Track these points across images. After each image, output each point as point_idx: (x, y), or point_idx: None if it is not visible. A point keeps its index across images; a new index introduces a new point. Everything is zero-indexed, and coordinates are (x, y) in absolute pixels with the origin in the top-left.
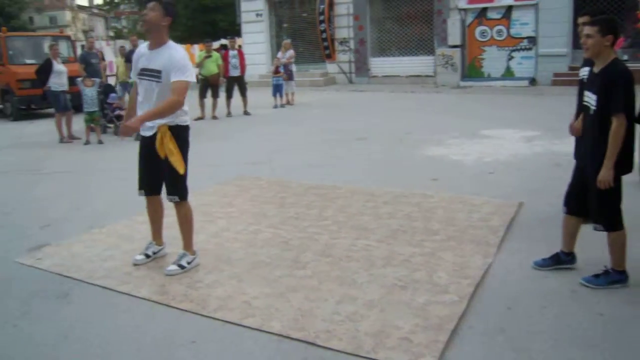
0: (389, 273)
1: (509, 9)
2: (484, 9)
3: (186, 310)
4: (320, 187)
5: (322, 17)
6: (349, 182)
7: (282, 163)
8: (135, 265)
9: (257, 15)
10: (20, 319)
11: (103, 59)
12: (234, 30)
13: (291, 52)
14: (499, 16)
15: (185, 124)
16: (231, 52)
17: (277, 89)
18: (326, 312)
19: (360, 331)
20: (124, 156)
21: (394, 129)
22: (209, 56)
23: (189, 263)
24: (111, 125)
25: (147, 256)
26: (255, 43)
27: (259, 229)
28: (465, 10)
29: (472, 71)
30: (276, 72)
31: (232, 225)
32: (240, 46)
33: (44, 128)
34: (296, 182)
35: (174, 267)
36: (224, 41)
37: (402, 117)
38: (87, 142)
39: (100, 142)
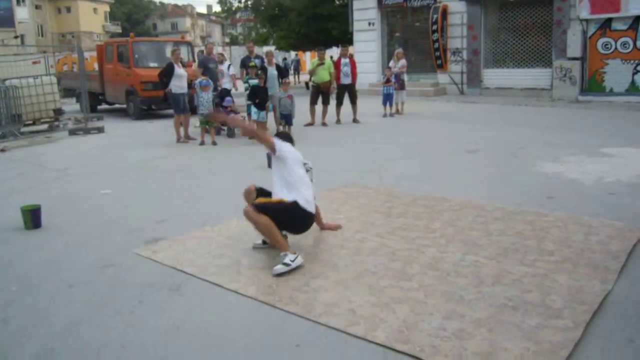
0: (498, 292)
1: (637, 19)
2: (609, 20)
3: (291, 313)
4: (428, 199)
5: (435, 27)
6: (459, 195)
7: (390, 172)
8: (254, 248)
9: (370, 24)
10: (136, 307)
11: (223, 62)
12: (346, 39)
13: (403, 62)
14: (624, 27)
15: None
16: (343, 60)
17: (387, 98)
18: (432, 327)
19: (467, 350)
20: (236, 158)
21: (507, 142)
22: (322, 64)
23: (292, 261)
24: (225, 128)
25: (265, 243)
26: (366, 52)
27: (366, 237)
28: (587, 20)
29: (592, 85)
30: (387, 81)
31: (339, 231)
32: (352, 55)
33: (162, 128)
34: (404, 192)
35: (279, 267)
36: (334, 55)
37: (515, 131)
38: (202, 143)
39: (214, 143)
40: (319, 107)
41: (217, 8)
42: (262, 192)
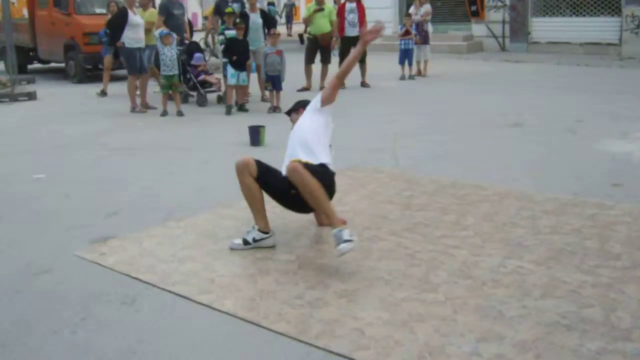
0: (548, 307)
1: None
2: None
3: (280, 334)
4: (459, 186)
5: None
6: (498, 182)
7: (409, 152)
8: (231, 249)
9: None
10: (79, 326)
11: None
12: None
13: (427, 8)
14: None
15: None
16: (348, 6)
17: (405, 55)
18: (462, 353)
19: None
20: (208, 132)
21: (561, 114)
22: (321, 9)
23: (351, 236)
24: (194, 94)
25: (246, 242)
26: None
27: (377, 235)
28: None
29: None
30: (406, 33)
31: (350, 226)
32: None
33: (112, 93)
34: (427, 177)
35: (345, 245)
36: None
37: (572, 99)
38: (165, 113)
39: (179, 113)
40: (316, 66)
41: None
42: (264, 168)
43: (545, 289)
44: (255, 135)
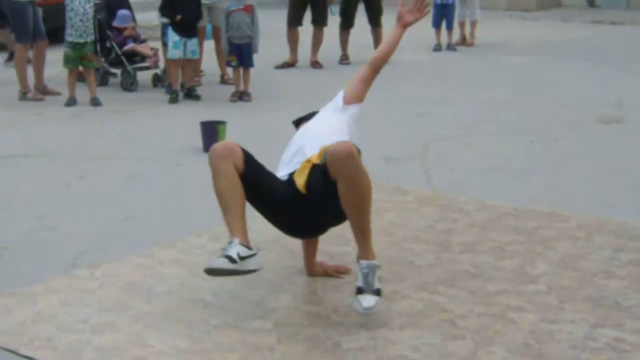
0: None
1: None
2: None
3: None
4: (524, 215)
5: None
6: (585, 209)
7: (448, 162)
8: (208, 272)
9: None
10: None
11: None
12: None
13: None
14: None
15: None
16: None
17: (442, 14)
18: None
19: None
20: (136, 131)
21: None
22: None
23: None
24: (117, 72)
25: (232, 260)
26: None
27: (399, 291)
28: None
29: None
30: None
31: (348, 281)
32: None
33: None
34: (475, 201)
35: (371, 299)
36: None
37: None
38: (72, 101)
39: (95, 101)
40: (305, 30)
41: None
42: (255, 163)
43: None
44: (211, 135)
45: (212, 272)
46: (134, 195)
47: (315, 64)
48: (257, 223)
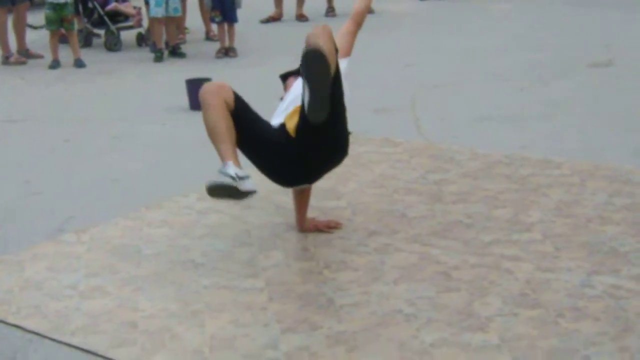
0: None
1: None
2: None
3: None
4: (517, 163)
5: None
6: (578, 153)
7: (438, 111)
8: (210, 190)
9: None
10: None
11: None
12: None
13: None
14: None
15: None
16: None
17: None
18: None
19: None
20: (121, 92)
21: None
22: None
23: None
24: (100, 33)
25: (232, 178)
26: None
27: (391, 244)
28: None
29: None
30: None
31: (339, 235)
32: None
33: None
34: (467, 149)
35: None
36: None
37: None
38: (56, 64)
39: (78, 63)
40: None
41: None
42: (245, 104)
43: None
44: (197, 93)
45: (214, 189)
46: (119, 157)
47: (301, 17)
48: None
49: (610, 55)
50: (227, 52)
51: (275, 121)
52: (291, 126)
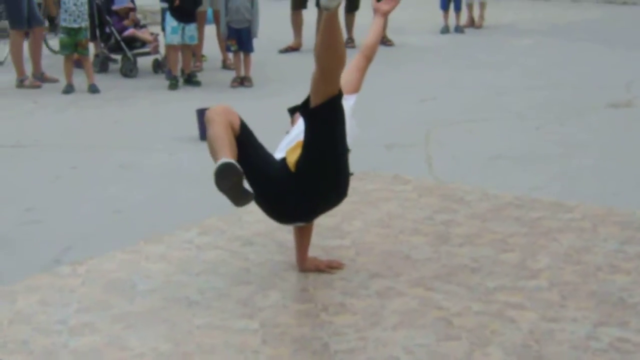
0: None
1: None
2: None
3: None
4: (527, 206)
5: None
6: (590, 198)
7: (451, 149)
8: (217, 176)
9: None
10: None
11: None
12: None
13: None
14: None
15: None
16: None
17: None
18: None
19: None
20: (134, 119)
21: None
22: None
23: None
24: (117, 58)
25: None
26: None
27: (394, 287)
28: None
29: None
30: None
31: (339, 276)
32: None
33: None
34: (477, 190)
35: None
36: None
37: None
38: (70, 88)
39: (92, 88)
40: (309, 13)
41: None
42: (250, 133)
43: None
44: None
45: (220, 173)
46: (124, 187)
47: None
48: (247, 215)
49: (630, 95)
50: (242, 81)
51: (278, 155)
52: (292, 160)
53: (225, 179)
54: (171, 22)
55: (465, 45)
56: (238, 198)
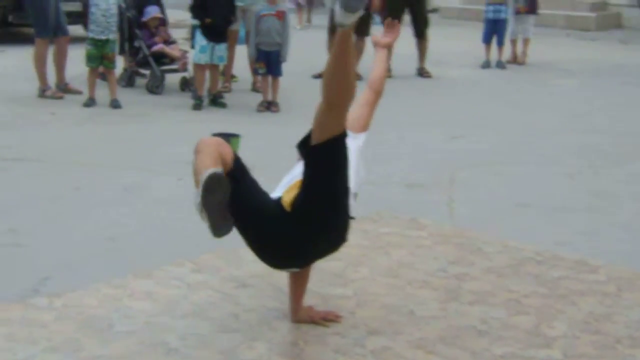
0: None
1: None
2: None
3: None
4: (549, 262)
5: None
6: (618, 258)
7: (474, 192)
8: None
9: None
10: None
11: None
12: None
13: None
14: None
15: None
16: None
17: (494, 29)
18: None
19: None
20: (151, 138)
21: None
22: None
23: None
24: (145, 73)
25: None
26: None
27: (391, 348)
28: None
29: None
30: None
31: (336, 331)
32: None
33: (13, 65)
34: (497, 241)
35: None
36: None
37: None
38: (91, 102)
39: (114, 103)
40: None
41: None
42: (244, 168)
43: None
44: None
45: (208, 185)
46: (124, 212)
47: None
48: (247, 252)
49: None
50: (269, 106)
51: (275, 194)
52: (288, 200)
53: (214, 193)
54: (201, 40)
55: (505, 81)
56: (220, 223)
